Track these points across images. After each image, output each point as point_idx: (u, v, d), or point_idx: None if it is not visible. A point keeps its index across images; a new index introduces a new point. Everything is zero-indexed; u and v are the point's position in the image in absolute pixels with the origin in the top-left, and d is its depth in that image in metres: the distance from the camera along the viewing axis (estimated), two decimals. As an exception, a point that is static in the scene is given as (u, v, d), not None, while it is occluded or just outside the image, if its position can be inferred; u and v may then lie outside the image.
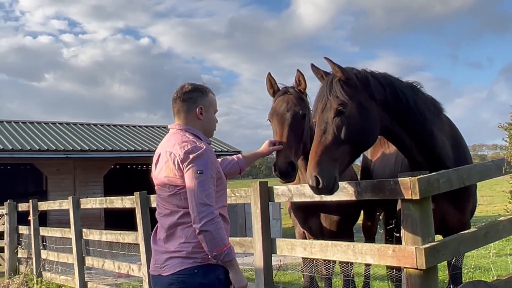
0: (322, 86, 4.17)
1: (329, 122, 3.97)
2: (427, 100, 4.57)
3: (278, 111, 4.70)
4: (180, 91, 3.68)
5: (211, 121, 3.76)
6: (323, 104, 4.04)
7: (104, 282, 9.92)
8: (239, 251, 5.56)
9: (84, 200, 9.44)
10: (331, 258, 4.57)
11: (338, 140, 3.93)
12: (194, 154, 3.36)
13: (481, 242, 4.23)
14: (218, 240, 3.28)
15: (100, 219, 19.21)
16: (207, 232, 3.26)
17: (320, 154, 3.85)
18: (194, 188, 3.30)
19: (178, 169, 3.39)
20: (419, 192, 3.61)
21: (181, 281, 3.35)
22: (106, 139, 21.34)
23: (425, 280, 3.67)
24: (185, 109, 3.64)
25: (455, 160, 4.50)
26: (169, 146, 3.51)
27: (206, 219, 3.25)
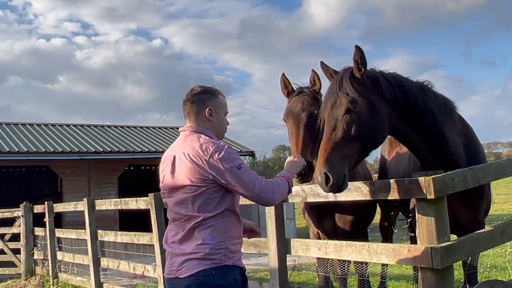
0: (332, 84, 4.17)
1: (338, 119, 3.96)
2: (438, 100, 4.54)
3: (294, 111, 4.70)
4: (189, 94, 3.69)
5: (221, 122, 3.75)
6: (333, 101, 4.03)
7: (120, 283, 9.97)
8: (254, 251, 5.58)
9: (99, 201, 9.50)
10: (346, 258, 4.56)
11: (348, 137, 3.92)
12: (222, 154, 3.37)
13: (497, 241, 4.20)
14: (284, 189, 3.54)
15: (115, 220, 19.32)
16: (277, 199, 3.52)
17: (329, 151, 3.84)
18: (242, 184, 3.37)
19: (204, 171, 3.36)
20: (434, 192, 3.59)
21: (199, 282, 3.32)
22: (120, 140, 21.46)
23: (440, 280, 3.65)
24: (195, 111, 3.65)
25: (467, 159, 4.48)
26: (187, 148, 3.48)
27: (264, 192, 3.41)
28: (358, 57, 4.08)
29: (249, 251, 5.63)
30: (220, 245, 3.37)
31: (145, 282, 9.98)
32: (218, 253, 3.36)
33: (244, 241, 5.56)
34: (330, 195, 4.54)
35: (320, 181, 3.80)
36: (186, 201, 3.44)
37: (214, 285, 3.33)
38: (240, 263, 3.53)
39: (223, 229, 3.42)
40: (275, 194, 3.45)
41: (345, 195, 4.43)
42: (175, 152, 3.58)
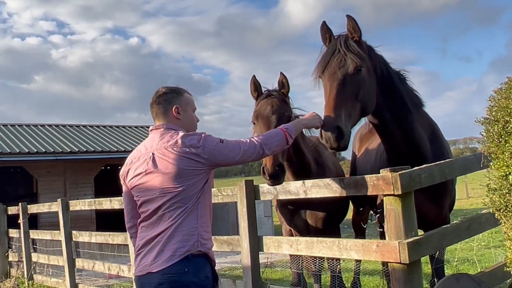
0: (335, 43, 4.16)
1: (347, 77, 3.97)
2: (409, 92, 4.63)
3: (263, 114, 4.70)
4: (155, 96, 3.72)
5: (190, 120, 3.76)
6: (339, 60, 4.03)
7: (95, 284, 9.91)
8: (227, 249, 5.59)
9: (74, 202, 9.42)
10: (317, 255, 4.59)
11: (354, 96, 3.95)
12: (204, 138, 3.46)
13: (464, 235, 4.27)
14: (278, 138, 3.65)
15: (92, 220, 19.15)
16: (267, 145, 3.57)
17: (339, 106, 3.82)
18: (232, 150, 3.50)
19: (196, 160, 3.42)
20: (401, 187, 3.64)
21: (172, 280, 3.31)
22: (96, 140, 21.26)
23: (408, 274, 3.70)
24: (162, 111, 3.67)
25: (433, 153, 4.54)
26: (169, 144, 3.47)
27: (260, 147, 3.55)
28: (351, 26, 4.14)
29: (222, 249, 5.64)
30: (193, 231, 3.39)
31: (120, 282, 9.93)
32: (191, 239, 3.38)
33: (218, 239, 5.58)
34: (301, 192, 4.58)
35: (330, 136, 3.73)
36: (167, 200, 3.41)
37: (187, 283, 3.32)
38: (211, 254, 3.55)
39: (195, 215, 3.44)
40: (264, 147, 3.55)
41: (315, 192, 4.47)
42: (152, 150, 3.54)
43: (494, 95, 3.06)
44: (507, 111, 2.81)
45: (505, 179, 2.84)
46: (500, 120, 2.85)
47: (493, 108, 2.96)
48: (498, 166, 2.89)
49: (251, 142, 3.55)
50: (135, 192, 3.64)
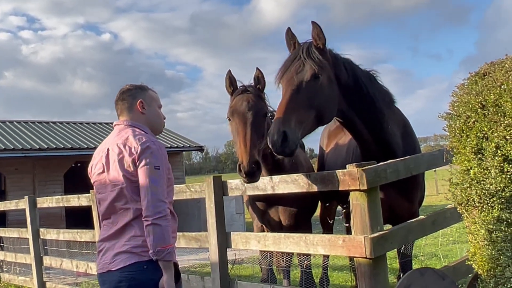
0: (297, 50, 4.15)
1: (303, 83, 3.95)
2: (382, 90, 4.66)
3: (239, 110, 4.65)
4: (119, 93, 3.72)
5: (156, 115, 3.74)
6: (298, 66, 4.02)
7: (63, 282, 9.79)
8: (195, 246, 5.57)
9: (41, 199, 9.28)
10: (284, 250, 4.60)
11: (308, 104, 3.92)
12: (151, 149, 3.35)
13: (429, 230, 4.32)
14: (165, 237, 3.25)
15: (61, 218, 18.92)
16: (158, 227, 3.22)
17: (290, 112, 3.78)
18: (150, 183, 3.28)
19: (133, 163, 3.36)
20: (367, 183, 3.67)
21: (130, 278, 3.29)
22: (66, 137, 20.98)
23: (373, 268, 3.74)
24: (127, 106, 3.65)
25: (404, 148, 4.59)
26: (120, 141, 3.46)
27: (160, 214, 3.24)
28: (316, 33, 4.13)
29: (190, 246, 5.62)
30: None
31: (89, 280, 9.80)
32: None
33: (186, 235, 5.56)
34: (269, 188, 4.58)
35: (275, 140, 3.67)
36: (120, 195, 3.42)
37: (146, 280, 3.30)
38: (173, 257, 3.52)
39: None
40: (163, 221, 3.26)
41: (282, 187, 4.48)
42: (108, 145, 3.56)
43: (457, 90, 3.09)
44: (468, 106, 2.84)
45: (467, 174, 2.87)
46: (462, 115, 2.89)
47: (455, 104, 3.00)
48: (460, 160, 2.93)
49: (163, 206, 3.30)
50: (95, 188, 3.66)
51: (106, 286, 3.43)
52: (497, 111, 2.72)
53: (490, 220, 2.74)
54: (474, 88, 2.92)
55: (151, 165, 3.32)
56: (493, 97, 2.75)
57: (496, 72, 2.88)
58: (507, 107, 2.67)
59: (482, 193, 2.76)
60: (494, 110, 2.73)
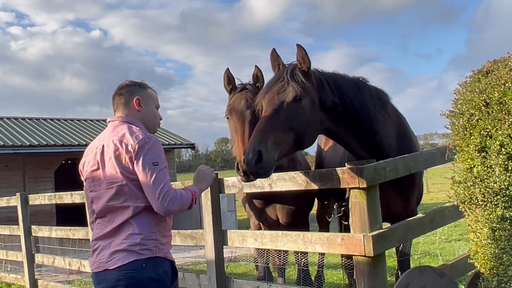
0: (282, 71, 4.10)
1: (284, 104, 3.89)
2: (373, 96, 4.56)
3: (237, 108, 4.60)
4: (117, 88, 3.68)
5: (152, 114, 3.70)
6: (281, 86, 3.96)
7: (56, 280, 9.74)
8: (191, 243, 5.53)
9: (33, 196, 9.20)
10: (282, 248, 4.58)
11: (288, 125, 3.85)
12: (147, 146, 3.31)
13: (427, 228, 4.32)
14: (184, 203, 3.37)
15: (52, 215, 18.82)
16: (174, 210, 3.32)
17: (268, 132, 3.72)
18: (151, 180, 3.26)
19: (130, 161, 3.31)
20: (366, 181, 3.66)
21: (129, 276, 3.25)
22: (57, 133, 20.87)
23: (373, 267, 3.73)
24: (123, 102, 3.61)
25: (398, 149, 4.55)
26: (116, 138, 3.41)
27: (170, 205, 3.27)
28: (301, 56, 4.07)
29: (185, 243, 5.58)
30: (151, 236, 3.33)
31: (81, 278, 9.76)
32: (149, 244, 3.32)
33: (181, 233, 5.52)
34: (266, 186, 4.55)
35: (249, 159, 3.59)
36: (118, 193, 3.36)
37: (145, 278, 3.27)
38: (170, 256, 3.50)
39: (154, 221, 3.38)
40: (173, 204, 3.30)
41: (280, 185, 4.45)
42: (103, 142, 3.50)
43: (459, 88, 3.08)
44: (472, 104, 2.83)
45: (470, 172, 2.86)
46: (465, 113, 2.88)
47: (458, 101, 2.99)
48: (463, 159, 2.92)
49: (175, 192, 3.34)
50: (88, 186, 3.58)
51: (102, 285, 3.37)
52: (502, 109, 2.72)
53: (493, 219, 2.74)
54: (477, 86, 2.91)
55: (149, 162, 3.27)
56: (497, 95, 2.74)
57: (499, 70, 2.87)
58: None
59: (485, 191, 2.75)
60: (498, 108, 2.73)
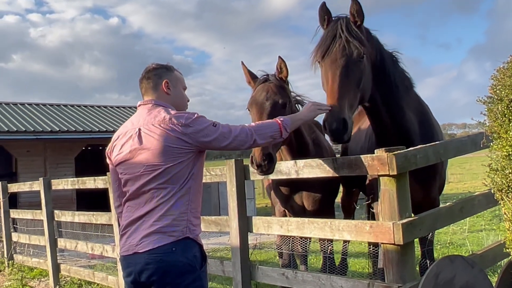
0: (334, 27, 4.02)
1: (350, 65, 3.85)
2: (402, 74, 4.54)
3: (257, 100, 4.57)
4: (144, 72, 3.64)
5: (180, 96, 3.67)
6: (342, 46, 3.90)
7: (78, 264, 9.82)
8: (215, 229, 5.52)
9: (56, 181, 9.26)
10: (308, 235, 4.55)
11: (357, 86, 3.87)
12: (195, 118, 3.34)
13: (457, 217, 4.26)
14: (267, 132, 3.55)
15: (72, 201, 18.97)
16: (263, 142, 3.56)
17: (343, 97, 3.73)
18: (222, 135, 3.40)
19: (181, 139, 3.30)
20: (397, 168, 3.59)
21: (159, 260, 3.24)
22: (77, 120, 20.98)
23: (402, 255, 3.67)
24: (152, 86, 3.58)
25: (421, 136, 4.49)
26: (156, 121, 3.37)
27: (252, 139, 3.47)
28: (355, 10, 4.00)
29: (209, 230, 5.58)
30: (182, 217, 3.31)
31: (104, 263, 9.82)
32: (180, 224, 3.30)
33: (205, 219, 5.51)
34: (293, 172, 4.51)
35: (334, 128, 3.64)
36: (157, 175, 3.32)
37: (174, 262, 3.25)
38: (199, 239, 3.47)
39: (186, 200, 3.36)
40: (256, 137, 3.47)
41: (307, 172, 4.41)
42: (139, 125, 3.45)
43: (497, 74, 3.00)
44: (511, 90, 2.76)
45: (509, 159, 2.79)
46: (504, 99, 2.80)
47: (496, 87, 2.91)
48: (501, 145, 2.85)
49: (243, 129, 3.46)
50: (120, 169, 3.54)
51: (131, 269, 3.36)
52: (543, 94, 2.64)
53: (532, 207, 2.67)
54: (517, 71, 2.83)
55: (209, 126, 3.37)
56: (538, 80, 2.67)
57: (541, 54, 2.79)
58: (554, 90, 2.58)
59: (525, 179, 2.69)
60: (539, 94, 2.65)
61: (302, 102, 5.31)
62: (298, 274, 4.54)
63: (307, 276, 4.47)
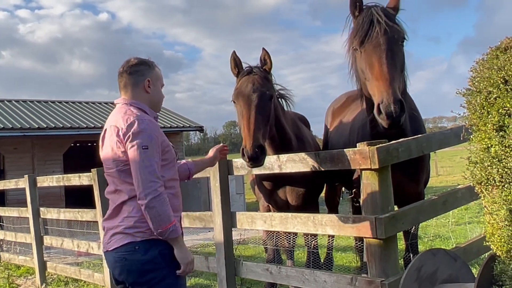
0: (370, 13, 4.00)
1: (394, 48, 3.84)
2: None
3: (244, 92, 4.49)
4: (126, 65, 3.60)
5: (158, 95, 3.68)
6: (383, 29, 3.88)
7: (64, 261, 9.76)
8: (199, 225, 5.49)
9: (41, 178, 9.19)
10: (291, 230, 4.52)
11: (401, 69, 3.88)
12: (138, 129, 3.27)
13: (440, 210, 4.24)
14: (163, 217, 3.21)
15: (61, 198, 18.83)
16: (153, 209, 3.18)
17: (394, 80, 3.69)
18: (139, 164, 3.22)
19: (121, 144, 3.31)
20: (378, 161, 3.58)
21: (123, 258, 3.32)
22: (65, 116, 20.83)
23: (384, 249, 3.67)
24: (133, 82, 3.56)
25: (411, 129, 4.48)
26: (114, 121, 3.43)
27: (151, 196, 3.17)
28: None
29: (194, 226, 5.54)
30: (143, 219, 3.28)
31: (90, 260, 9.77)
32: (142, 226, 3.30)
33: (190, 215, 5.48)
34: (276, 167, 4.49)
35: (391, 110, 3.56)
36: (116, 175, 3.40)
37: (137, 260, 3.30)
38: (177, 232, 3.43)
39: None
40: (156, 201, 3.19)
41: (290, 166, 4.39)
42: (106, 125, 3.54)
43: (476, 65, 2.98)
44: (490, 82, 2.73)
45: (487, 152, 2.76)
46: (483, 91, 2.77)
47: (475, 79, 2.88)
48: (480, 138, 2.82)
49: (156, 184, 3.21)
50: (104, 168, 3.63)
51: (108, 265, 3.53)
52: (521, 86, 2.62)
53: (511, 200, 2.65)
54: (495, 63, 2.80)
55: (139, 145, 3.24)
56: (517, 72, 2.64)
57: (519, 46, 2.77)
58: (532, 82, 2.56)
59: (503, 171, 2.66)
60: (517, 86, 2.63)
61: (285, 96, 5.27)
62: (282, 270, 4.52)
63: (291, 271, 4.45)
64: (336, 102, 6.40)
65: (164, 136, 3.49)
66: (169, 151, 3.47)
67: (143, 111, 3.48)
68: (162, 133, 3.48)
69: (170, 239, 3.30)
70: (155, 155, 3.27)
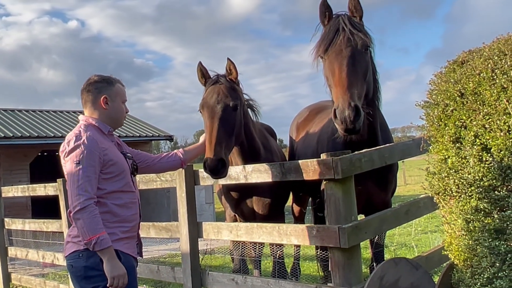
0: (336, 22, 4.04)
1: (357, 56, 3.86)
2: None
3: (209, 103, 4.47)
4: (86, 83, 3.80)
5: (117, 110, 3.81)
6: (345, 37, 3.91)
7: (29, 273, 9.60)
8: (166, 236, 5.47)
9: (6, 188, 9.04)
10: (257, 240, 4.54)
11: (363, 76, 3.88)
12: (73, 145, 3.48)
13: (402, 219, 4.31)
14: (87, 229, 3.36)
15: (27, 208, 18.51)
16: (78, 221, 3.37)
17: (352, 85, 3.68)
18: (70, 178, 3.45)
19: (63, 159, 3.55)
20: (342, 172, 3.63)
21: (70, 265, 3.58)
22: (32, 125, 20.51)
23: (348, 259, 3.71)
24: (91, 99, 3.76)
25: (383, 139, 4.54)
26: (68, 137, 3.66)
27: (77, 208, 3.36)
28: (353, 5, 4.06)
29: (160, 236, 5.52)
30: None
31: (56, 271, 9.64)
32: None
33: (156, 225, 5.46)
34: (241, 177, 4.51)
35: (346, 115, 3.55)
36: (66, 188, 3.64)
37: (79, 267, 3.50)
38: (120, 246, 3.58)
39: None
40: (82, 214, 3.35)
41: (255, 177, 4.41)
42: None
43: (434, 78, 3.05)
44: (447, 94, 2.80)
45: (444, 163, 2.84)
46: (440, 104, 2.85)
47: (433, 92, 2.96)
48: (438, 149, 2.89)
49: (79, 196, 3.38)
50: None
51: None
52: (476, 99, 2.69)
53: (467, 210, 2.72)
54: (452, 76, 2.88)
55: (71, 160, 3.46)
56: (472, 85, 2.71)
57: (474, 60, 2.85)
58: (486, 95, 2.64)
59: (460, 182, 2.73)
60: (473, 99, 2.70)
61: (252, 106, 5.29)
62: (247, 279, 4.53)
63: (256, 281, 4.47)
64: (299, 116, 6.43)
65: (110, 151, 3.63)
66: (114, 165, 3.60)
67: (96, 127, 3.66)
68: (108, 148, 3.61)
69: (99, 251, 3.42)
70: (88, 170, 3.43)
